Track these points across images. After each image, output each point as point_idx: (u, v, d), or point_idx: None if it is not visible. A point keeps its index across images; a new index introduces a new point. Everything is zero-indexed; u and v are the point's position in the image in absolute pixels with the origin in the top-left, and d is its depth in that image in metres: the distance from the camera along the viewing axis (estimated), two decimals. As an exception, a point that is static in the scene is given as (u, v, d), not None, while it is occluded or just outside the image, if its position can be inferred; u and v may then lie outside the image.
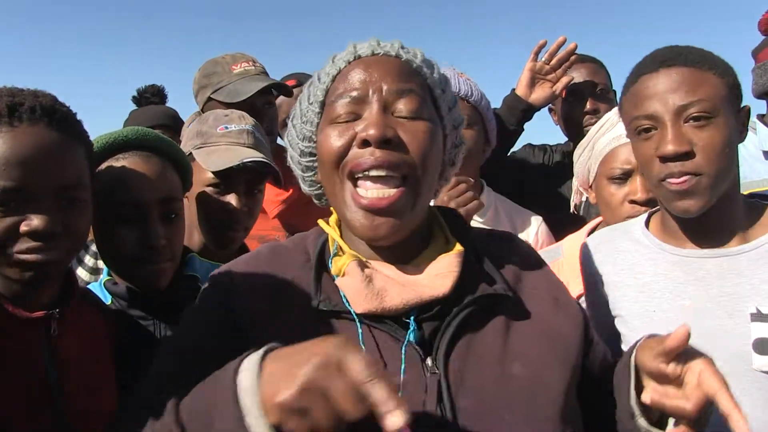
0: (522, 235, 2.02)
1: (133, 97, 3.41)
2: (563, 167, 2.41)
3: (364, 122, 0.93)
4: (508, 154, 2.47)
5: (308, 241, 1.07)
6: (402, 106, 0.94)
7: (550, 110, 2.55)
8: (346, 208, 0.95)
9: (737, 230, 1.28)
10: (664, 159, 1.21)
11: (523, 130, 2.31)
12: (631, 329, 1.29)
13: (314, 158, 1.03)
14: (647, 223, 1.42)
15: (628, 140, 1.40)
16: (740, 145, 2.57)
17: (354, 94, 0.95)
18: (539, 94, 2.25)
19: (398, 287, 0.94)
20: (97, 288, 1.41)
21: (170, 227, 1.35)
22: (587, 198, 1.97)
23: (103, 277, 1.42)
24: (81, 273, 1.70)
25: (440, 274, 0.96)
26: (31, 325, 1.08)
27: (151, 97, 3.36)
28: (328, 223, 1.08)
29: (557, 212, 2.20)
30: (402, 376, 0.89)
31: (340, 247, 1.01)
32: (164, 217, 1.33)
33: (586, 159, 1.79)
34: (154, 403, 0.83)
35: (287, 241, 1.11)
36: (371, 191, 0.92)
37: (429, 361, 0.91)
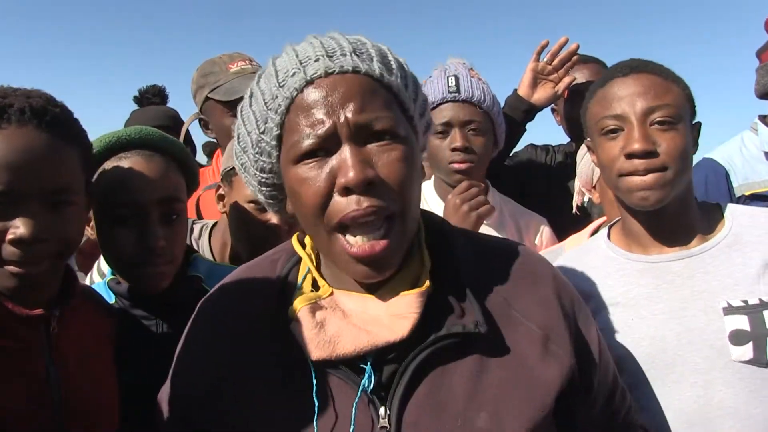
0: (526, 237, 2.02)
1: (135, 97, 3.42)
2: (565, 167, 2.41)
3: (338, 164, 0.84)
4: (510, 155, 2.46)
5: (278, 265, 1.02)
6: (373, 134, 0.86)
7: (553, 111, 2.54)
8: (336, 257, 0.89)
9: (696, 231, 1.35)
10: (630, 156, 1.27)
11: (525, 130, 2.31)
12: (612, 340, 1.33)
13: (276, 189, 0.96)
14: (609, 236, 1.48)
15: None
16: (742, 147, 2.61)
17: (319, 131, 0.84)
18: (541, 94, 2.25)
19: (352, 333, 0.88)
20: (101, 287, 1.40)
21: (171, 228, 1.32)
22: (589, 198, 1.97)
23: (107, 276, 1.41)
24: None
25: (399, 315, 0.89)
26: (30, 323, 1.07)
27: (152, 97, 3.38)
28: (301, 242, 1.03)
29: (559, 213, 2.20)
30: (351, 430, 0.85)
31: (312, 277, 0.98)
32: (165, 218, 1.31)
33: (590, 159, 1.79)
34: None
35: (263, 260, 1.07)
36: (359, 238, 0.86)
37: (382, 411, 0.86)
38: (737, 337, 1.22)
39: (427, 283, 0.91)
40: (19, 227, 0.99)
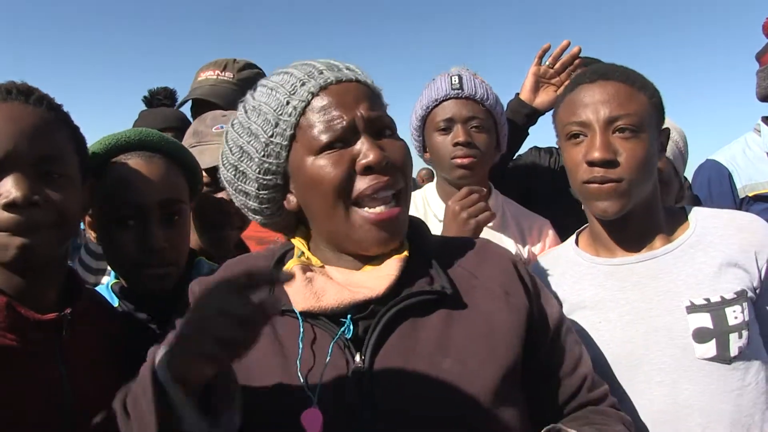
0: (528, 239, 2.03)
1: (144, 97, 3.42)
2: (569, 170, 2.41)
3: (360, 149, 1.01)
4: (514, 158, 2.47)
5: (276, 249, 1.17)
6: (382, 128, 1.05)
7: (556, 114, 2.55)
8: (354, 229, 1.02)
9: (661, 233, 1.39)
10: (591, 164, 1.31)
11: (528, 134, 2.31)
12: (582, 343, 1.34)
13: (276, 191, 1.08)
14: (577, 242, 1.52)
15: None
16: (745, 147, 2.61)
17: (340, 123, 1.01)
18: (543, 98, 2.24)
19: (336, 288, 1.01)
20: (104, 290, 1.41)
21: (172, 230, 1.32)
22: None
23: (111, 279, 1.42)
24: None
25: (380, 277, 1.02)
26: (41, 327, 1.07)
27: (162, 99, 3.38)
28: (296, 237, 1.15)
29: (563, 215, 2.20)
30: (325, 368, 0.96)
31: (303, 254, 1.11)
32: (166, 219, 1.31)
33: None
34: None
35: (262, 250, 1.21)
36: (378, 207, 1.02)
37: (358, 357, 0.97)
38: (700, 335, 1.26)
39: (406, 252, 1.07)
40: (11, 191, 1.00)
